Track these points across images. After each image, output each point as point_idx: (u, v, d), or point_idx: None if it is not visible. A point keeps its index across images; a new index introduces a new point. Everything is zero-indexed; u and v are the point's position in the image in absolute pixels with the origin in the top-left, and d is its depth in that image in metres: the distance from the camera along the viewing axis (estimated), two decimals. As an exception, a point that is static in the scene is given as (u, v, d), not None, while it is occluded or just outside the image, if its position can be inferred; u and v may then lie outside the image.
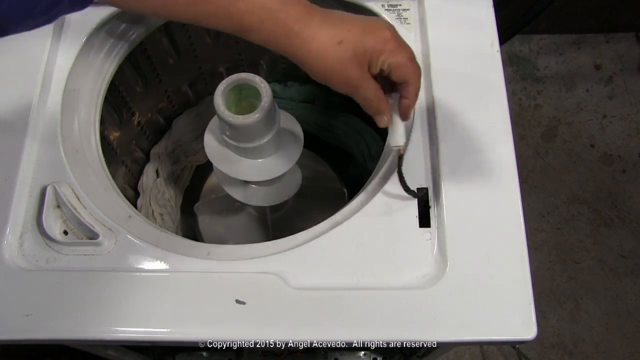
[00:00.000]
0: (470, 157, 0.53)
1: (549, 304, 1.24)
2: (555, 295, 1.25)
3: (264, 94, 0.56)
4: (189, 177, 1.01)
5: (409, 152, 0.54)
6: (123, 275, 0.50)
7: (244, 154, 0.64)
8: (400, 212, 0.51)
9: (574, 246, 1.29)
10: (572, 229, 1.30)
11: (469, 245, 0.49)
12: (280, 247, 0.52)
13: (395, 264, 0.50)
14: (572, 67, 1.48)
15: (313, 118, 0.96)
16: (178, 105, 0.97)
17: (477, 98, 0.56)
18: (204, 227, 0.97)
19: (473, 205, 0.51)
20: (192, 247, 0.53)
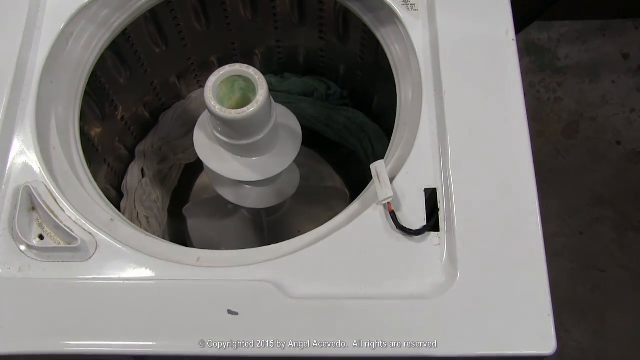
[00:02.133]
0: (482, 156, 0.53)
1: (571, 316, 1.24)
2: (577, 306, 1.25)
3: (258, 87, 0.56)
4: (178, 176, 1.01)
5: (417, 149, 0.55)
6: (105, 284, 0.50)
7: (237, 151, 0.65)
8: (406, 215, 0.52)
9: (598, 252, 1.29)
10: (596, 233, 1.31)
11: (481, 251, 0.49)
12: (277, 253, 0.52)
13: (400, 271, 0.50)
14: (596, 57, 1.48)
15: (312, 112, 0.96)
16: (165, 98, 0.97)
17: (490, 91, 0.56)
18: (193, 231, 0.97)
19: (486, 208, 0.51)
20: (181, 253, 0.53)
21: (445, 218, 0.51)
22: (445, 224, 0.51)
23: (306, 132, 0.71)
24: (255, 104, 0.55)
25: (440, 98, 0.56)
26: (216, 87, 0.56)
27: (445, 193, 0.52)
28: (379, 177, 0.53)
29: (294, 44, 0.94)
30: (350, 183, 1.04)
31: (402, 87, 0.63)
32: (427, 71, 0.58)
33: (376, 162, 0.54)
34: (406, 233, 0.51)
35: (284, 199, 0.78)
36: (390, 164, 0.56)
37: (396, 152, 0.57)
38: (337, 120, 0.96)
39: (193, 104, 0.99)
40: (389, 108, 0.83)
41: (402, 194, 0.53)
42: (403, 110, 0.62)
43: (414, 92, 0.60)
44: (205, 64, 0.96)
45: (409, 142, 0.56)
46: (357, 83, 0.95)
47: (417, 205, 0.52)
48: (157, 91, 0.94)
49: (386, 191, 0.52)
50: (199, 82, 1.00)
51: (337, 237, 0.52)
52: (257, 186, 0.76)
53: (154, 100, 0.95)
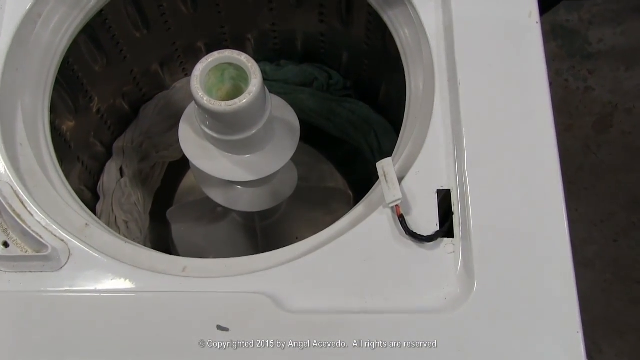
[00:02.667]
0: (502, 153, 0.53)
1: (605, 335, 1.24)
2: (613, 323, 1.25)
3: (251, 76, 0.56)
4: (161, 176, 1.02)
5: (428, 145, 0.55)
6: (78, 297, 0.50)
7: (228, 148, 0.65)
8: (416, 220, 0.52)
9: (636, 262, 1.29)
10: (633, 240, 1.31)
11: (501, 260, 0.50)
12: (272, 261, 0.52)
13: (410, 282, 0.50)
14: (633, 40, 1.48)
15: (311, 105, 0.96)
16: (147, 88, 0.97)
17: (511, 81, 0.56)
18: (178, 237, 0.98)
19: (506, 211, 0.51)
20: (165, 261, 0.54)
21: (461, 223, 0.52)
22: (461, 230, 0.52)
23: (305, 127, 0.71)
24: (248, 95, 0.56)
25: (455, 88, 0.56)
26: (204, 76, 0.57)
27: (461, 195, 0.53)
28: (386, 177, 0.53)
29: (291, 28, 0.94)
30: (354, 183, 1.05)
31: (412, 76, 0.64)
32: (440, 58, 0.59)
33: (383, 160, 0.54)
34: (417, 239, 0.51)
35: (279, 202, 0.79)
36: (398, 162, 0.57)
37: (405, 149, 0.57)
38: (340, 114, 0.96)
39: (178, 95, 1.00)
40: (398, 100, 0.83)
41: (412, 195, 0.53)
42: (413, 102, 0.62)
43: (425, 82, 0.60)
44: (192, 50, 0.96)
45: (419, 138, 0.57)
46: (361, 72, 0.95)
47: (429, 209, 0.53)
48: (138, 80, 0.94)
49: (394, 193, 0.52)
50: (184, 71, 1.00)
51: (340, 244, 0.52)
52: (249, 187, 0.76)
53: (133, 90, 0.95)
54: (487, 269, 0.49)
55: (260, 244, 0.93)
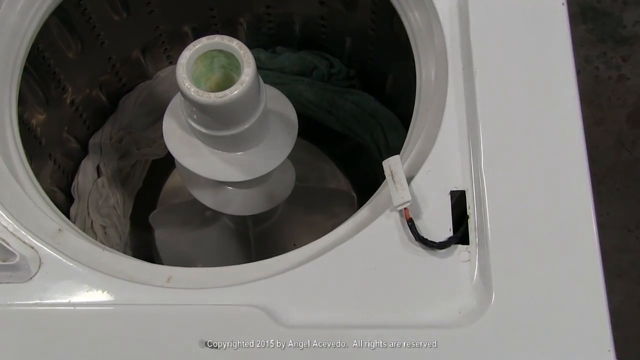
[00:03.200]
0: (523, 150, 0.54)
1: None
2: (647, 340, 1.25)
3: (244, 64, 0.56)
4: (142, 176, 1.02)
5: (441, 141, 0.55)
6: (50, 311, 0.50)
7: (218, 145, 0.65)
8: (427, 224, 0.52)
9: (674, 272, 1.29)
10: (671, 248, 1.31)
11: (521, 269, 0.50)
12: (267, 271, 0.53)
13: (420, 294, 0.50)
14: (672, 24, 1.48)
15: (311, 96, 0.97)
16: (127, 78, 0.98)
17: (533, 69, 0.56)
18: (162, 244, 0.98)
19: (527, 215, 0.51)
20: (147, 271, 0.54)
21: (477, 228, 0.52)
22: (477, 235, 0.52)
23: (303, 121, 0.71)
24: (240, 85, 0.56)
25: (471, 78, 0.56)
26: (191, 64, 0.57)
27: (477, 197, 0.53)
28: (394, 177, 0.53)
29: (288, 11, 0.94)
30: (357, 184, 1.05)
31: (422, 64, 0.64)
32: (454, 44, 0.59)
33: (390, 158, 0.55)
34: (428, 246, 0.51)
35: (275, 204, 0.79)
36: (408, 160, 0.57)
37: (415, 146, 0.58)
38: (342, 106, 0.97)
39: (162, 86, 1.00)
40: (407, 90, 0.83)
41: (423, 197, 0.53)
42: (424, 94, 0.62)
43: (437, 70, 0.61)
44: (177, 36, 0.96)
45: (431, 133, 0.57)
46: (366, 60, 0.95)
47: (442, 212, 0.53)
48: (117, 69, 0.94)
49: (403, 194, 0.52)
50: (169, 58, 1.01)
51: (342, 252, 0.52)
52: (242, 188, 0.76)
53: (112, 80, 0.95)
54: (506, 279, 0.50)
55: (253, 252, 0.94)
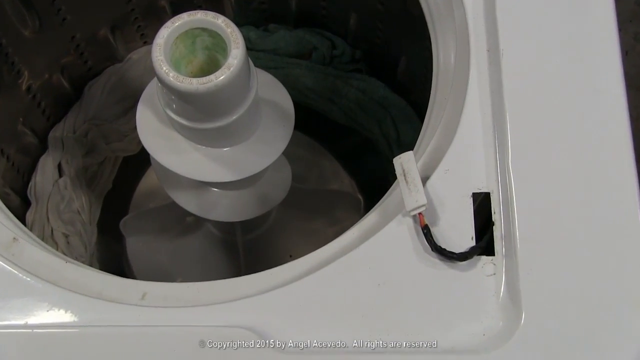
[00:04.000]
0: (557, 145, 0.54)
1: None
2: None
3: (231, 45, 0.57)
4: (112, 175, 1.02)
5: (461, 135, 0.55)
6: (4, 335, 0.50)
7: (201, 139, 0.65)
8: (446, 232, 0.52)
9: None
10: None
11: (556, 285, 0.50)
12: (258, 286, 0.53)
13: (438, 313, 0.51)
14: None
15: (309, 82, 0.97)
16: (93, 60, 0.97)
17: (571, 50, 0.56)
18: (135, 255, 0.98)
19: (563, 221, 0.51)
20: (117, 286, 0.54)
21: (504, 236, 0.52)
22: (503, 245, 0.52)
23: (301, 111, 0.71)
24: (227, 70, 0.56)
25: (497, 60, 0.56)
26: (169, 45, 0.57)
27: (504, 200, 0.53)
28: (407, 177, 0.53)
29: (283, -18, 0.95)
30: (364, 185, 1.05)
31: (440, 44, 0.64)
32: (477, 21, 0.59)
33: (402, 155, 0.55)
34: (446, 257, 0.51)
35: (268, 209, 0.79)
36: (423, 157, 0.57)
37: (432, 140, 0.58)
38: (346, 94, 0.97)
39: (135, 70, 1.00)
40: (422, 76, 0.83)
41: (441, 200, 0.53)
42: (442, 79, 0.62)
43: (457, 52, 0.61)
44: (153, 11, 0.96)
45: (450, 126, 0.57)
46: (375, 39, 0.95)
47: (463, 218, 0.53)
48: (81, 50, 0.94)
49: (417, 197, 0.52)
50: (143, 37, 1.01)
51: (346, 264, 0.52)
52: (229, 190, 0.76)
53: (76, 63, 0.95)
54: (538, 296, 0.49)
55: (242, 264, 0.94)
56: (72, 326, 0.51)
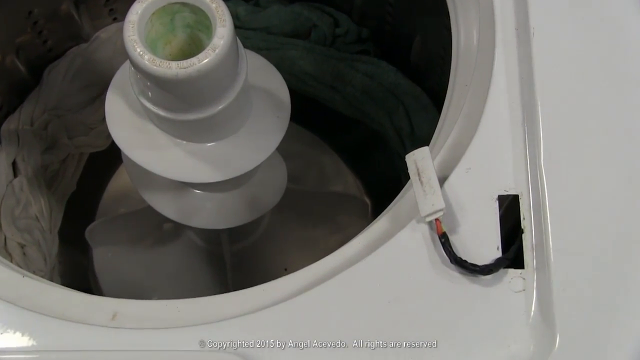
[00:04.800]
0: (596, 140, 0.54)
1: None
2: None
3: (217, 22, 0.57)
4: (76, 175, 1.02)
5: (485, 128, 0.55)
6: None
7: (181, 132, 0.66)
8: (466, 241, 0.52)
9: None
10: None
11: (596, 302, 0.50)
12: (248, 303, 0.53)
13: (457, 336, 0.51)
14: None
15: (308, 66, 0.97)
16: (55, 40, 0.97)
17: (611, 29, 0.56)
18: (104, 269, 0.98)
19: (602, 229, 0.52)
20: (84, 304, 0.54)
21: (534, 246, 0.52)
22: (534, 256, 0.52)
23: (298, 100, 0.72)
24: (212, 52, 0.56)
25: (527, 41, 0.57)
26: (144, 22, 0.57)
27: (535, 203, 0.53)
28: (421, 177, 0.54)
29: (277, -51, 0.95)
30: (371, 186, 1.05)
31: (460, 21, 0.64)
32: (503, -5, 0.59)
33: (416, 151, 0.55)
34: (468, 271, 0.51)
35: (260, 214, 0.79)
36: (440, 154, 0.57)
37: (451, 134, 0.58)
38: (351, 80, 0.97)
39: (103, 51, 1.00)
40: (439, 58, 0.83)
41: (461, 204, 0.54)
42: (463, 62, 0.62)
43: (481, 30, 0.61)
44: (125, -17, 0.97)
45: (472, 117, 0.57)
46: (384, 15, 0.96)
47: (486, 224, 0.53)
48: (40, 27, 0.94)
49: (433, 200, 0.52)
50: (112, 13, 1.01)
51: (351, 278, 0.52)
52: (214, 192, 0.76)
53: (34, 42, 0.95)
54: (574, 316, 0.50)
55: (230, 279, 0.94)
56: (30, 351, 0.51)
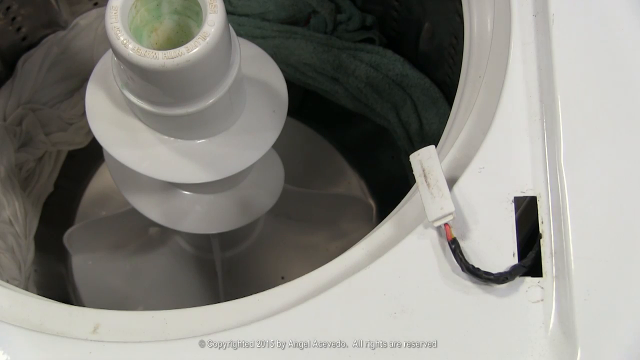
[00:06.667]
0: (621, 137, 0.54)
1: None
2: None
3: (208, 8, 0.57)
4: (54, 176, 1.02)
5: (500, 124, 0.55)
6: None
7: (168, 128, 0.66)
8: (479, 247, 0.53)
9: None
10: None
11: (620, 312, 0.50)
12: (241, 315, 0.53)
13: (470, 350, 0.51)
14: None
15: (307, 56, 0.97)
16: (29, 27, 0.97)
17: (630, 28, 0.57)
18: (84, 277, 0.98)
19: (627, 233, 0.52)
20: (62, 316, 0.54)
21: (554, 252, 0.52)
22: (554, 264, 0.52)
23: (297, 93, 0.72)
24: (202, 40, 0.56)
25: (546, 29, 0.57)
26: (128, 8, 0.57)
27: (554, 206, 0.53)
28: (428, 178, 0.54)
29: None
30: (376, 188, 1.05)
31: (474, 7, 0.64)
32: (520, -21, 0.60)
33: (421, 150, 0.55)
34: (480, 279, 0.52)
35: (254, 218, 0.79)
36: (451, 152, 0.57)
37: (462, 131, 0.58)
38: (354, 71, 0.97)
39: (82, 40, 1.00)
40: (450, 47, 0.83)
41: (472, 207, 0.54)
42: (476, 52, 0.63)
43: (496, 16, 0.61)
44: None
45: (486, 111, 0.57)
46: (391, 1, 0.96)
47: (501, 229, 0.53)
48: (13, 13, 0.94)
49: (442, 203, 0.53)
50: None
51: (354, 287, 0.52)
52: (204, 193, 0.77)
53: (6, 30, 0.95)
54: (596, 327, 0.50)
55: (221, 288, 0.94)
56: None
